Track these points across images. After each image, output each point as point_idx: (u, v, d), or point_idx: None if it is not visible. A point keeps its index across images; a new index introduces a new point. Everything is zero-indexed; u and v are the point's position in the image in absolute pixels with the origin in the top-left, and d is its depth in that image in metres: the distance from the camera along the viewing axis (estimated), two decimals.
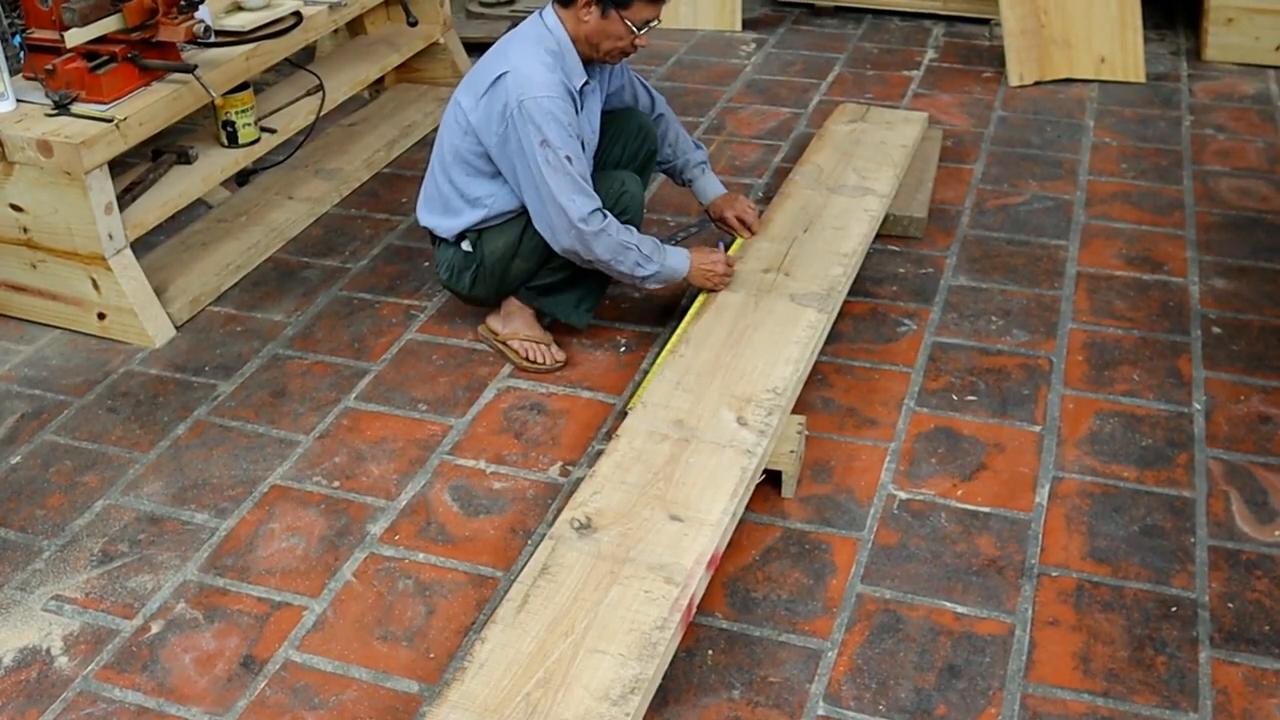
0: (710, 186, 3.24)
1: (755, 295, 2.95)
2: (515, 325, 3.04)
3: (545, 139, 2.69)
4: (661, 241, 2.91)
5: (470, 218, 2.90)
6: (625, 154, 3.07)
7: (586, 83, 2.84)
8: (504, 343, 3.04)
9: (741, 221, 3.18)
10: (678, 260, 2.89)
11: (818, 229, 3.24)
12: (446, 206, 2.94)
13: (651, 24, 2.77)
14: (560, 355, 3.03)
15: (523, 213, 2.86)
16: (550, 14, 2.80)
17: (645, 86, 3.17)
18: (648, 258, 2.82)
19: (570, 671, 1.95)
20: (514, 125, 2.71)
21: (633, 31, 2.74)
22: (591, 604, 2.08)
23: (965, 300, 3.28)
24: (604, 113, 3.04)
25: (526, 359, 3.01)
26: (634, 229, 2.84)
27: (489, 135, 2.78)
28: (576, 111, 2.79)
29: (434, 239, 3.04)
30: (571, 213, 2.72)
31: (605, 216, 2.76)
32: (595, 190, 2.80)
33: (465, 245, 2.95)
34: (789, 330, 2.81)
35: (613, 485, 2.35)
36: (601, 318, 3.21)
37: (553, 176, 2.70)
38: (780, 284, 2.99)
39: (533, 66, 2.72)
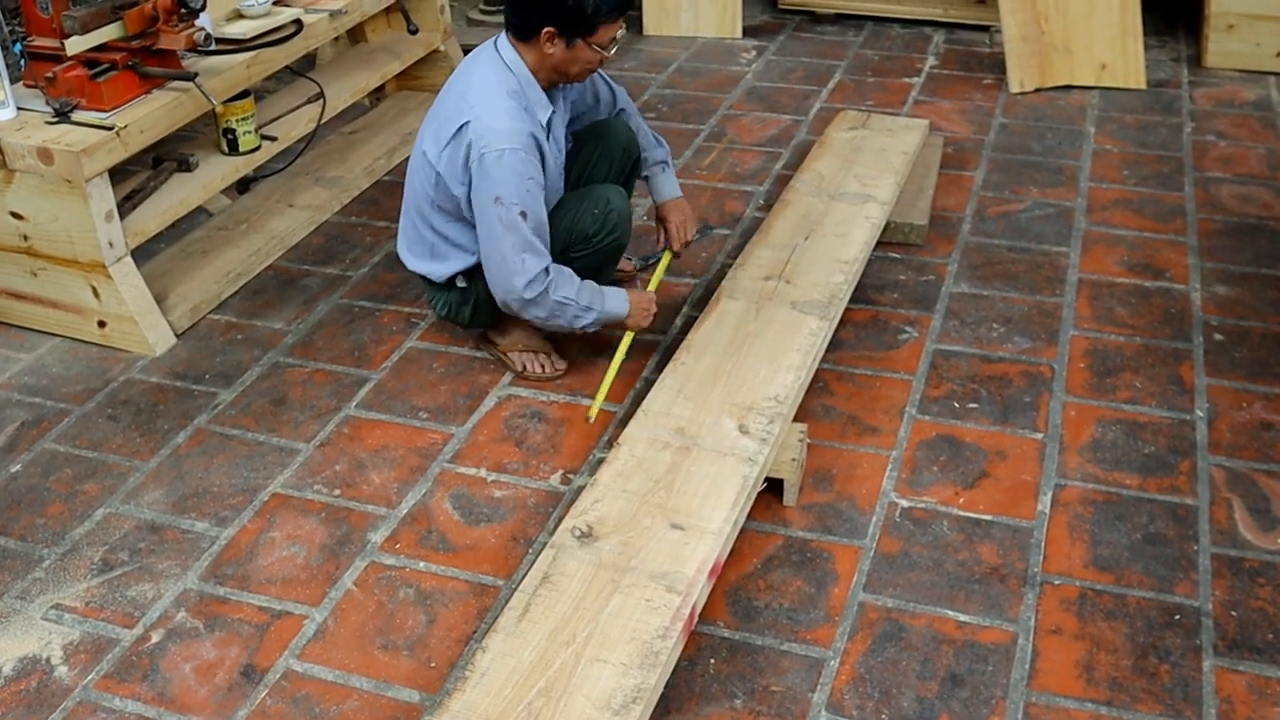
0: (666, 186, 3.16)
1: (756, 303, 2.95)
2: (515, 335, 3.03)
3: (499, 196, 2.65)
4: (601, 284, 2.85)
5: (460, 263, 2.88)
6: (611, 174, 3.05)
7: (553, 112, 2.81)
8: (504, 352, 3.04)
9: (678, 234, 3.11)
10: (616, 304, 2.84)
11: (819, 236, 3.24)
12: (433, 251, 2.92)
13: (617, 37, 2.72)
14: (561, 364, 3.03)
15: None
16: (508, 47, 2.72)
17: (606, 81, 3.10)
18: (586, 308, 2.78)
19: (572, 681, 1.94)
20: (474, 177, 2.69)
21: (600, 52, 2.70)
22: (593, 613, 2.07)
23: (966, 307, 3.27)
24: (587, 129, 3.04)
25: (527, 368, 3.00)
26: (574, 278, 2.78)
27: (457, 185, 2.75)
28: (543, 150, 2.74)
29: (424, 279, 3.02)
30: (517, 275, 2.68)
31: (549, 275, 2.72)
32: (579, 208, 2.80)
33: (460, 283, 2.94)
34: (790, 338, 2.81)
35: (614, 494, 2.35)
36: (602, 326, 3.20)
37: (504, 234, 2.67)
38: (781, 291, 2.99)
39: (495, 115, 2.66)
